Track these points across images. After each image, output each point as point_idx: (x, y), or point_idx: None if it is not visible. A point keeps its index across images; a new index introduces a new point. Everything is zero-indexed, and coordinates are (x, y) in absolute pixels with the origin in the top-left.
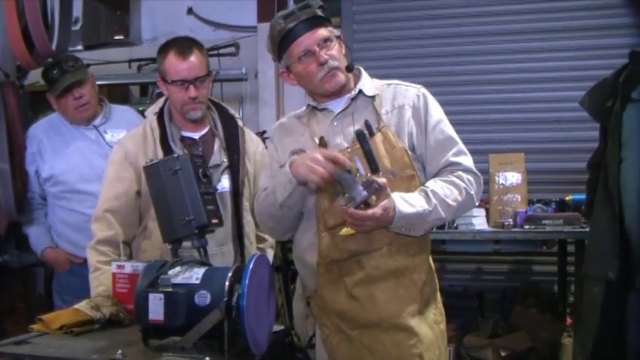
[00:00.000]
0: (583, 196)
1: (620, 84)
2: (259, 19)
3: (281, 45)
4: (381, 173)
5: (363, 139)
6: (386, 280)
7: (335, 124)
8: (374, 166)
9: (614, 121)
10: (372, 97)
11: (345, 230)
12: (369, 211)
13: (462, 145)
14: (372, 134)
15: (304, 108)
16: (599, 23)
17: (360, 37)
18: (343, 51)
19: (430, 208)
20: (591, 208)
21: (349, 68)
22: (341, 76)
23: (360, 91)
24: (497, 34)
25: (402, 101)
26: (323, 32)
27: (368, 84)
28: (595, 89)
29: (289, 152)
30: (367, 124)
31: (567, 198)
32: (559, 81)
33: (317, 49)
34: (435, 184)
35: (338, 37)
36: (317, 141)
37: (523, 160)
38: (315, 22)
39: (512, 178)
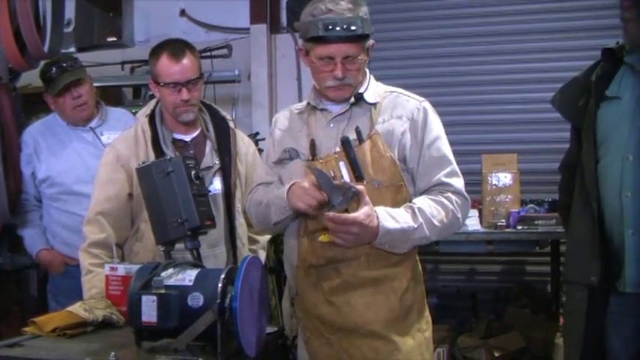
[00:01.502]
0: None
1: (594, 82)
2: (252, 20)
3: (317, 38)
4: (365, 181)
5: (347, 146)
6: (363, 288)
7: (331, 126)
8: (358, 174)
9: (588, 120)
10: (373, 105)
11: (323, 237)
12: (351, 215)
13: (455, 166)
14: (361, 141)
15: (305, 103)
16: (593, 24)
17: None
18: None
19: (415, 226)
20: (565, 210)
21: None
22: (348, 92)
23: (362, 97)
24: (489, 35)
25: (400, 112)
26: (353, 49)
27: (371, 90)
28: (566, 88)
29: (282, 150)
30: (357, 131)
31: None
32: (552, 82)
33: (339, 61)
34: (422, 202)
35: (367, 50)
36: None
37: (516, 160)
38: (353, 36)
39: (504, 178)
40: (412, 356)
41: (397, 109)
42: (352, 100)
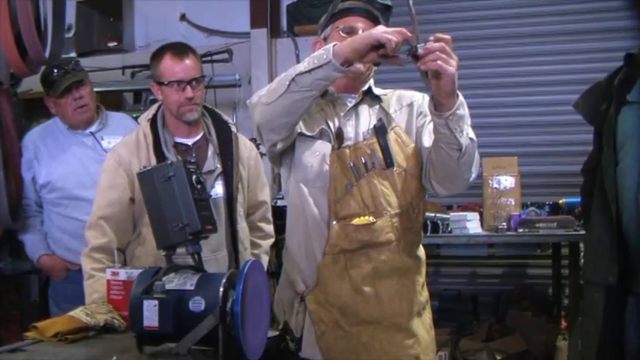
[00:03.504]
0: (576, 199)
1: (615, 87)
2: (252, 25)
3: (337, 14)
4: (395, 168)
5: (380, 133)
6: (390, 278)
7: (347, 117)
8: (389, 161)
9: (608, 124)
10: (381, 99)
11: (358, 220)
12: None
13: None
14: (385, 132)
15: None
16: (594, 27)
17: None
18: None
19: (469, 123)
20: (587, 214)
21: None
22: (361, 68)
23: (370, 90)
24: (490, 39)
25: (409, 100)
26: (372, 27)
27: (377, 88)
28: (589, 92)
29: (318, 129)
30: (381, 122)
31: (561, 201)
32: (552, 84)
33: (361, 32)
34: None
35: None
36: (332, 129)
37: (516, 163)
38: (376, 22)
39: (505, 181)
40: (428, 351)
41: (403, 99)
42: (364, 88)
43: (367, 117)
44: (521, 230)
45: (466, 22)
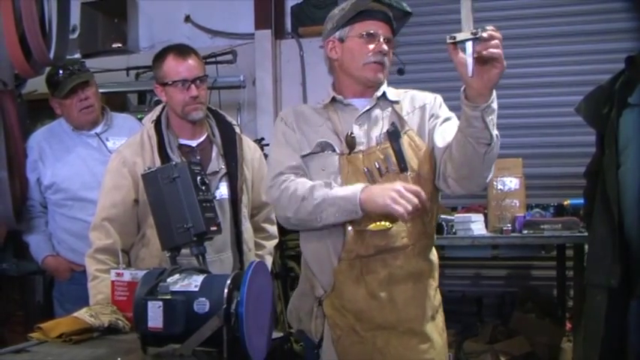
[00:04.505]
0: (581, 201)
1: (616, 90)
2: (256, 26)
3: (355, 16)
4: (408, 173)
5: (394, 138)
6: (404, 283)
7: (359, 122)
8: (403, 165)
9: (610, 127)
10: (394, 102)
11: (374, 225)
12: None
13: None
14: (398, 136)
15: (322, 101)
16: (598, 28)
17: None
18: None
19: (495, 121)
20: (590, 217)
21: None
22: (382, 76)
23: (384, 94)
24: None
25: (421, 102)
26: (391, 34)
27: (390, 90)
28: (591, 96)
29: (315, 143)
30: (395, 126)
31: (565, 202)
32: (557, 86)
33: (382, 39)
34: None
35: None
36: (341, 137)
37: (521, 165)
38: (392, 25)
39: (510, 183)
40: (442, 355)
41: (415, 100)
42: (378, 94)
43: (380, 121)
44: (525, 232)
45: (473, 24)
